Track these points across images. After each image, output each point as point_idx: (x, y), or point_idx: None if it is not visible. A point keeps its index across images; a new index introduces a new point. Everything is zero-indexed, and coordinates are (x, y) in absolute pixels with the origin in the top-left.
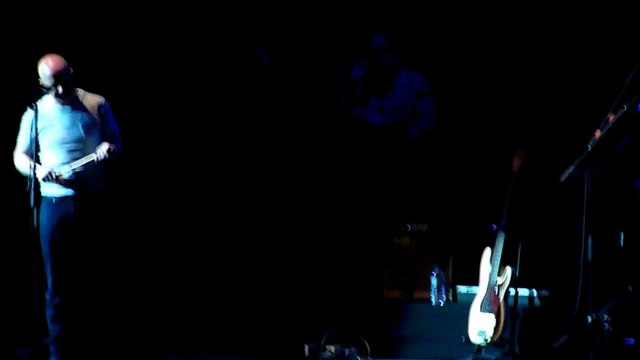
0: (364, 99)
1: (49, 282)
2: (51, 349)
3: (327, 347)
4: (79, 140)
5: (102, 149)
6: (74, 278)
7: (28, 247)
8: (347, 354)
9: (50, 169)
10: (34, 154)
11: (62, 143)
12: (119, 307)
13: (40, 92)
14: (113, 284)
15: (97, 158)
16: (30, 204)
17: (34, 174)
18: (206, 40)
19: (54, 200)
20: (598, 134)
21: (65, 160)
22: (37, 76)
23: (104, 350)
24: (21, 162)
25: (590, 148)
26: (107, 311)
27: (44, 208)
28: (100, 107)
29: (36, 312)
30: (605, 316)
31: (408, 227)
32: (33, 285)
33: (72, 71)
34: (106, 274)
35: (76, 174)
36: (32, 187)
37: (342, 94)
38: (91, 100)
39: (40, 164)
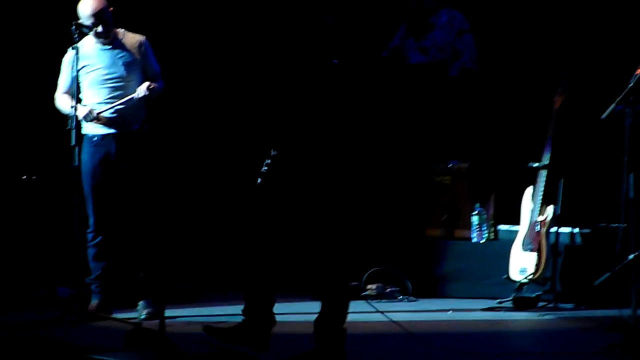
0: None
1: (90, 221)
2: (92, 287)
3: (368, 285)
4: (119, 79)
5: (143, 87)
6: (115, 217)
7: (69, 187)
8: (387, 291)
9: (91, 108)
10: (74, 93)
11: (102, 82)
12: (160, 246)
13: (80, 32)
14: (153, 222)
15: (138, 96)
16: (71, 142)
17: (76, 113)
18: None
19: (95, 138)
20: (638, 72)
21: (106, 99)
22: (77, 16)
23: (145, 289)
24: (62, 102)
25: (632, 84)
26: (148, 250)
27: (85, 147)
28: (140, 45)
29: (77, 251)
30: None
31: (449, 165)
32: (74, 223)
33: (111, 10)
34: (147, 212)
35: (117, 113)
36: (74, 126)
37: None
38: (131, 39)
39: (81, 103)
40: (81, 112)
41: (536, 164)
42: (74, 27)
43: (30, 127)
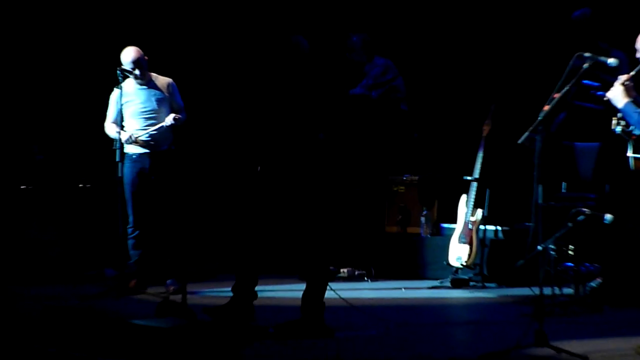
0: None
1: (130, 219)
2: (132, 269)
3: (341, 269)
4: (152, 111)
5: (170, 118)
6: (149, 216)
7: (114, 193)
8: (356, 274)
9: (131, 133)
10: (119, 122)
11: (140, 113)
12: (182, 238)
13: (124, 75)
14: (177, 220)
15: (166, 124)
16: (116, 159)
17: (120, 137)
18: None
19: (134, 156)
20: (546, 108)
21: (142, 127)
22: (121, 63)
23: (171, 270)
24: (110, 130)
25: (540, 118)
26: (173, 241)
27: (126, 162)
28: (169, 86)
29: (120, 241)
30: (551, 246)
31: (404, 178)
32: (118, 221)
33: (146, 59)
34: (173, 213)
35: (150, 137)
36: (118, 146)
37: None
38: (162, 80)
39: (123, 129)
40: (124, 137)
41: (469, 177)
42: (118, 71)
43: (86, 147)
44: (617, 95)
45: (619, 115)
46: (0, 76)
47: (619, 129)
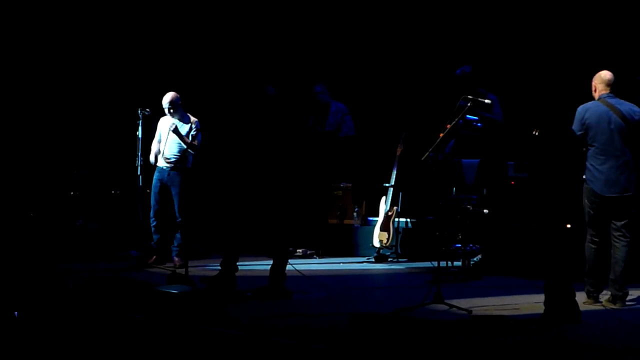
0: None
1: (152, 211)
2: (154, 247)
3: (297, 250)
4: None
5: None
6: (164, 211)
7: (136, 196)
8: (308, 253)
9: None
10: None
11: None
12: (187, 227)
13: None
14: (187, 216)
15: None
16: (137, 173)
17: (155, 159)
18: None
19: (161, 169)
20: (441, 135)
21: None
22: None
23: (182, 252)
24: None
25: (437, 143)
26: (181, 228)
27: (155, 174)
28: (194, 122)
29: (141, 230)
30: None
31: (341, 185)
32: (139, 216)
33: (180, 101)
34: (183, 210)
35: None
36: (139, 164)
37: (309, 119)
38: (192, 119)
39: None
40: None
41: (387, 184)
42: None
43: (116, 164)
44: None
45: None
46: (52, 116)
47: None
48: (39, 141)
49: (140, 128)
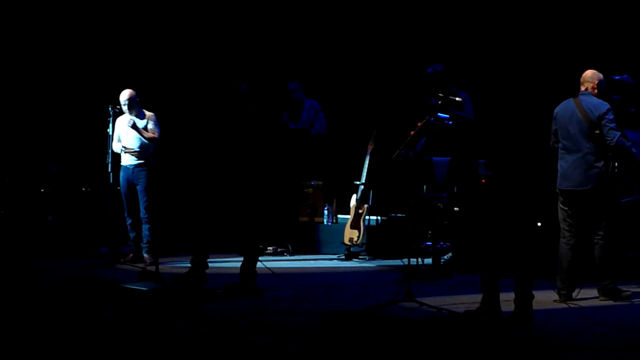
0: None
1: (125, 211)
2: (131, 246)
3: (268, 247)
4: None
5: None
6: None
7: (107, 193)
8: (278, 251)
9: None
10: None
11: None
12: (157, 225)
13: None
14: (157, 212)
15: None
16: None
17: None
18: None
19: (127, 166)
20: (412, 133)
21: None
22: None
23: (152, 249)
24: (115, 147)
25: (408, 139)
26: (155, 227)
27: (121, 173)
28: (151, 117)
29: (112, 228)
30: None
31: (312, 183)
32: (109, 213)
33: (137, 98)
34: (153, 206)
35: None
36: (109, 161)
37: (282, 116)
38: (147, 114)
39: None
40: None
41: (358, 182)
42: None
43: (86, 161)
44: None
45: None
46: (22, 112)
47: None
48: (9, 137)
49: (111, 125)
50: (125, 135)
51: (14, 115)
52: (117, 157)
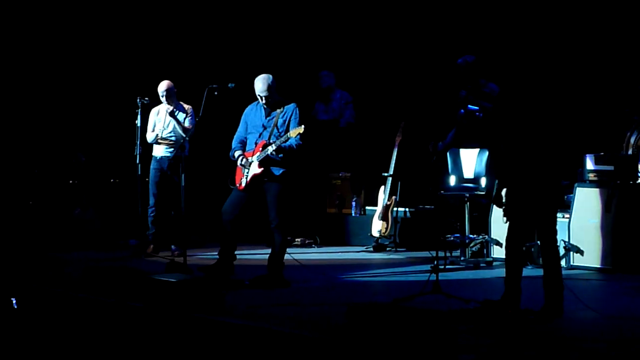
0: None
1: (152, 202)
2: (149, 239)
3: (296, 239)
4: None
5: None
6: (164, 202)
7: (135, 185)
8: (306, 242)
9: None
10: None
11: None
12: (184, 217)
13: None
14: (182, 206)
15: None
16: (136, 161)
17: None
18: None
19: (158, 157)
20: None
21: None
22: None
23: (176, 240)
24: (149, 137)
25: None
26: (178, 218)
27: (152, 163)
28: (188, 109)
29: (140, 219)
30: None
31: (340, 174)
32: (137, 205)
33: (175, 89)
34: (179, 200)
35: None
36: (138, 152)
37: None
38: (186, 107)
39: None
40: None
41: (386, 174)
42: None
43: (116, 153)
44: None
45: None
46: (51, 104)
47: None
48: (38, 129)
49: (139, 117)
50: (162, 125)
51: (43, 107)
52: (146, 148)
